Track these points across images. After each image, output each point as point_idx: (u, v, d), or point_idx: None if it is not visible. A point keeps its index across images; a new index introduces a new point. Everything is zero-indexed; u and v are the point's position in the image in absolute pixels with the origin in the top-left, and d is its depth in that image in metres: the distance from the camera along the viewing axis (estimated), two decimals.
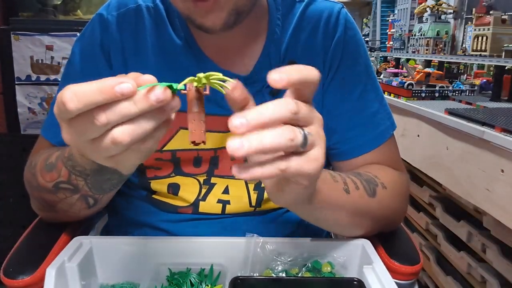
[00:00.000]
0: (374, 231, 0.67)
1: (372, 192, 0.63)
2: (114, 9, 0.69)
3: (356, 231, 0.64)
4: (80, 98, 0.36)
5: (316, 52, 0.71)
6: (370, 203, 0.62)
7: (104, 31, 0.68)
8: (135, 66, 0.68)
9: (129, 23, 0.68)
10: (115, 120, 0.38)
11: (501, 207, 1.14)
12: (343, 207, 0.59)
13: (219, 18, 0.58)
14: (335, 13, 0.72)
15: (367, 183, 0.63)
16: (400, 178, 0.72)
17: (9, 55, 1.65)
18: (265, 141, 0.36)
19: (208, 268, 0.60)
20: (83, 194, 0.60)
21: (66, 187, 0.60)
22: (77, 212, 0.64)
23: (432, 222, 1.65)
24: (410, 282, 0.62)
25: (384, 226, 0.68)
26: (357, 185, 0.61)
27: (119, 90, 0.36)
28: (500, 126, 1.16)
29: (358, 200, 0.60)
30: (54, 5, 1.86)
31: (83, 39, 0.71)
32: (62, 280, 0.54)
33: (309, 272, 0.59)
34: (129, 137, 0.38)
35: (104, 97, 0.36)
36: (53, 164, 0.61)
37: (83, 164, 0.56)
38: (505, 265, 1.20)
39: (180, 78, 0.74)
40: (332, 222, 0.62)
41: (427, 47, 2.21)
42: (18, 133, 1.72)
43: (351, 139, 0.72)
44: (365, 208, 0.62)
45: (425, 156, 1.59)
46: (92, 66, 0.69)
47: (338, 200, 0.58)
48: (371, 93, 0.73)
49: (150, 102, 0.37)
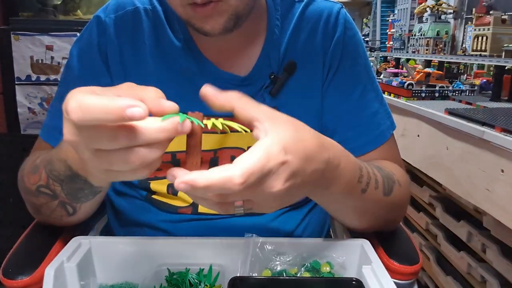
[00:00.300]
0: (376, 228, 0.67)
1: (388, 191, 0.62)
2: (112, 12, 0.69)
3: (358, 224, 0.65)
4: (84, 113, 0.34)
5: (316, 52, 0.71)
6: (382, 202, 0.62)
7: (102, 33, 0.68)
8: (133, 68, 0.68)
9: (127, 25, 0.68)
10: (135, 143, 0.37)
11: (501, 207, 1.14)
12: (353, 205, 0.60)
13: (218, 23, 0.58)
14: (335, 13, 0.72)
15: (387, 180, 0.63)
16: (407, 176, 0.72)
17: (9, 55, 1.65)
18: (199, 202, 0.42)
19: (207, 268, 0.60)
20: (61, 201, 0.60)
21: (46, 191, 0.60)
22: (59, 218, 0.63)
23: (432, 222, 1.65)
24: (410, 282, 0.62)
25: (388, 223, 0.69)
26: (377, 184, 0.60)
27: (129, 114, 0.34)
28: (500, 126, 1.16)
29: (370, 200, 0.60)
30: (54, 5, 1.86)
31: (81, 41, 0.71)
32: (61, 280, 0.54)
33: (308, 272, 0.59)
34: (140, 161, 0.38)
35: (111, 118, 0.34)
36: (37, 167, 0.61)
37: (58, 169, 0.56)
38: (505, 265, 1.20)
39: (179, 80, 0.74)
40: (337, 212, 0.64)
41: (427, 47, 2.21)
42: (18, 133, 1.72)
43: (352, 139, 0.72)
44: (375, 207, 0.62)
45: (425, 156, 1.59)
46: (89, 70, 0.69)
47: (351, 199, 0.58)
48: (371, 93, 0.73)
49: (177, 133, 0.38)
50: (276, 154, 0.42)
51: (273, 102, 0.70)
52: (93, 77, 0.68)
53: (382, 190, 0.61)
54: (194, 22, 0.59)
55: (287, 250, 0.60)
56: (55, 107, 0.72)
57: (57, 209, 0.61)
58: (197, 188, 0.39)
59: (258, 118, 0.44)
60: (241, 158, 0.41)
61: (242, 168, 0.39)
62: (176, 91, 0.68)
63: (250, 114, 0.45)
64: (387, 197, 0.62)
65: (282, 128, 0.45)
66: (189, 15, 0.58)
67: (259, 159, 0.41)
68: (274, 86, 0.69)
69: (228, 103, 0.45)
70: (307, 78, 0.71)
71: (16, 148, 1.69)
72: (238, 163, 0.40)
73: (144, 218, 0.74)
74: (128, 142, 0.37)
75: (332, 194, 0.54)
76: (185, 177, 0.39)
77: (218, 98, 0.44)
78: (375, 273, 0.54)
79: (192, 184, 0.38)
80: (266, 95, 0.70)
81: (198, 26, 0.59)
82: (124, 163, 0.38)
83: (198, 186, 0.38)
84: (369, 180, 0.59)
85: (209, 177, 0.39)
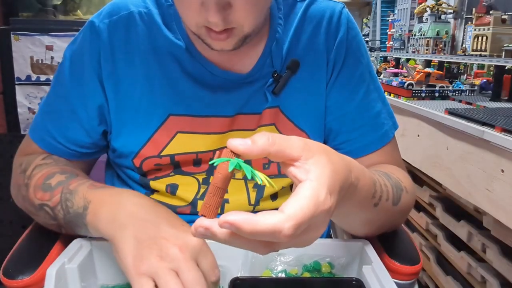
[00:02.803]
0: (380, 233, 0.67)
1: (397, 200, 0.62)
2: (106, 17, 0.68)
3: (365, 233, 0.65)
4: None
5: (319, 52, 0.71)
6: (391, 211, 0.62)
7: (95, 39, 0.68)
8: (126, 73, 0.67)
9: (121, 30, 0.68)
10: None
11: (501, 207, 1.14)
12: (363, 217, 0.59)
13: (229, 44, 0.59)
14: (337, 13, 0.72)
15: (396, 190, 0.62)
16: (411, 180, 0.71)
17: (9, 55, 1.64)
18: (234, 244, 0.39)
19: None
20: (58, 223, 0.62)
21: (48, 211, 0.62)
22: (50, 228, 0.66)
23: (432, 222, 1.65)
24: (410, 282, 0.62)
25: (392, 227, 0.69)
26: (388, 196, 0.59)
27: None
28: (500, 126, 1.16)
29: (380, 212, 0.59)
30: (54, 5, 1.86)
31: (74, 45, 0.71)
32: (62, 281, 0.54)
33: (309, 273, 0.59)
34: None
35: None
36: (51, 188, 0.62)
37: (75, 203, 0.59)
38: (505, 265, 1.20)
39: (178, 80, 0.74)
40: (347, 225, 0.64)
41: (427, 47, 2.21)
42: (18, 133, 1.72)
43: (357, 139, 0.72)
44: (384, 217, 0.62)
45: (425, 156, 1.59)
46: (79, 75, 0.69)
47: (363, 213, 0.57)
48: (374, 93, 0.74)
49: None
50: (323, 200, 0.39)
51: (276, 101, 0.70)
52: (81, 84, 0.68)
53: (392, 201, 0.61)
54: (204, 39, 0.59)
55: (287, 251, 0.60)
56: (47, 107, 0.72)
57: (52, 226, 0.64)
58: (242, 232, 0.36)
59: (297, 157, 0.41)
60: (289, 205, 0.37)
61: (292, 219, 0.36)
62: (171, 94, 0.68)
63: (289, 155, 0.41)
64: (395, 206, 0.62)
65: (321, 164, 0.41)
66: (202, 34, 0.58)
67: (309, 209, 0.38)
68: (277, 85, 0.69)
69: (263, 151, 0.40)
70: (310, 77, 0.71)
71: (16, 148, 1.69)
72: (286, 211, 0.37)
73: None
74: None
75: (346, 211, 0.53)
76: (230, 217, 0.36)
77: (253, 150, 0.40)
78: (375, 273, 0.54)
79: (237, 226, 0.35)
80: (268, 93, 0.70)
81: (207, 43, 0.60)
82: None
83: (244, 230, 0.36)
84: (381, 194, 0.58)
85: (257, 224, 0.36)
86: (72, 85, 0.69)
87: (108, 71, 0.67)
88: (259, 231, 0.35)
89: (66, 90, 0.69)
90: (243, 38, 0.59)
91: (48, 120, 0.71)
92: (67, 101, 0.69)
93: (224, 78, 0.68)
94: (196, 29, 0.58)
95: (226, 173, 0.39)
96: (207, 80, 0.68)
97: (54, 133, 0.69)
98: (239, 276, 0.55)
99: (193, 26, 0.58)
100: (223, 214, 0.36)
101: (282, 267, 0.59)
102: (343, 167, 0.45)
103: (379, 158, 0.72)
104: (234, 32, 0.57)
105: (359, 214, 0.57)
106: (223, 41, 0.58)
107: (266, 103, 0.70)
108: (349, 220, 0.61)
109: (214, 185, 0.39)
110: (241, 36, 0.58)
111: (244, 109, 0.69)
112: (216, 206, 0.39)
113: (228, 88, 0.68)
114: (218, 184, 0.39)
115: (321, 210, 0.39)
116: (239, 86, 0.69)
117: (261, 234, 0.36)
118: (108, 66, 0.67)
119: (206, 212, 0.39)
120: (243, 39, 0.59)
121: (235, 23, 0.56)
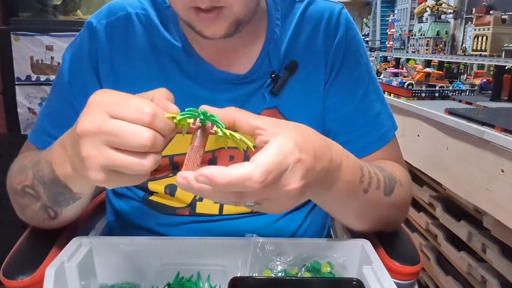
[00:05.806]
0: (377, 228, 0.67)
1: (390, 191, 0.63)
2: (104, 17, 0.69)
3: (360, 226, 0.65)
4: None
5: (317, 53, 0.71)
6: (384, 202, 0.62)
7: (93, 40, 0.68)
8: (124, 73, 0.68)
9: (119, 31, 0.68)
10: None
11: (501, 207, 1.14)
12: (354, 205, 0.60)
13: (220, 28, 0.58)
14: (336, 14, 0.72)
15: (388, 180, 0.63)
16: (408, 176, 0.72)
17: (9, 55, 1.65)
18: (209, 196, 0.41)
19: (207, 269, 0.60)
20: (43, 204, 0.60)
21: (30, 192, 0.60)
22: (41, 221, 0.64)
23: (432, 222, 1.65)
24: (410, 282, 0.62)
25: (389, 223, 0.68)
26: (379, 184, 0.61)
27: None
28: (500, 126, 1.16)
29: (371, 201, 0.60)
30: (54, 5, 1.86)
31: (73, 47, 0.71)
32: (62, 280, 0.54)
33: (309, 273, 0.59)
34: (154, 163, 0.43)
35: None
36: (25, 167, 0.62)
37: (43, 171, 0.56)
38: (505, 265, 1.20)
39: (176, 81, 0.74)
40: (340, 214, 0.65)
41: (427, 47, 2.21)
42: (18, 133, 1.72)
43: (356, 140, 0.72)
44: (377, 208, 0.63)
45: (425, 156, 1.59)
46: (78, 78, 0.69)
47: (353, 200, 0.58)
48: (373, 93, 0.73)
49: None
50: (291, 151, 0.42)
51: (274, 101, 0.70)
52: (82, 86, 0.68)
53: (383, 190, 0.61)
54: (195, 25, 0.59)
55: (287, 251, 0.60)
56: (46, 110, 0.72)
57: (40, 212, 0.62)
58: (216, 184, 0.39)
59: (262, 126, 0.45)
60: (257, 156, 0.41)
61: (261, 166, 0.40)
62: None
63: (253, 123, 0.45)
64: (388, 197, 0.62)
65: (289, 129, 0.45)
66: (191, 18, 0.58)
67: (276, 156, 0.41)
68: (275, 85, 0.69)
69: (228, 115, 0.45)
70: (309, 78, 0.71)
71: (16, 148, 1.68)
72: (255, 161, 0.40)
73: (142, 222, 0.74)
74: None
75: (335, 195, 0.54)
76: (205, 171, 0.39)
77: (217, 113, 0.44)
78: (375, 274, 0.54)
79: (211, 179, 0.39)
80: (266, 94, 0.69)
81: (198, 29, 0.59)
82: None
83: (217, 182, 0.39)
84: (370, 180, 0.59)
85: (228, 174, 0.39)
86: (71, 85, 0.69)
87: (106, 71, 0.68)
88: (232, 180, 0.39)
89: (66, 90, 0.69)
90: (234, 22, 0.58)
91: (47, 121, 0.71)
92: (67, 101, 0.69)
93: (222, 78, 0.68)
94: (185, 13, 0.58)
95: (199, 130, 0.44)
96: (205, 80, 0.68)
97: (53, 132, 0.69)
98: (239, 276, 0.55)
99: (181, 10, 0.58)
100: (199, 169, 0.40)
101: (282, 267, 0.59)
102: (319, 139, 0.49)
103: (379, 158, 0.72)
104: (224, 12, 0.57)
105: (350, 201, 0.58)
106: (213, 22, 0.57)
107: (264, 103, 0.70)
108: (341, 209, 0.62)
109: (190, 145, 0.44)
110: (232, 20, 0.58)
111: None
112: (194, 162, 0.43)
113: (226, 89, 0.68)
114: (193, 142, 0.44)
115: (290, 159, 0.42)
116: (237, 86, 0.69)
117: (233, 183, 0.39)
118: (106, 66, 0.67)
119: (185, 168, 0.43)
120: (235, 24, 0.59)
121: (223, 1, 0.55)
